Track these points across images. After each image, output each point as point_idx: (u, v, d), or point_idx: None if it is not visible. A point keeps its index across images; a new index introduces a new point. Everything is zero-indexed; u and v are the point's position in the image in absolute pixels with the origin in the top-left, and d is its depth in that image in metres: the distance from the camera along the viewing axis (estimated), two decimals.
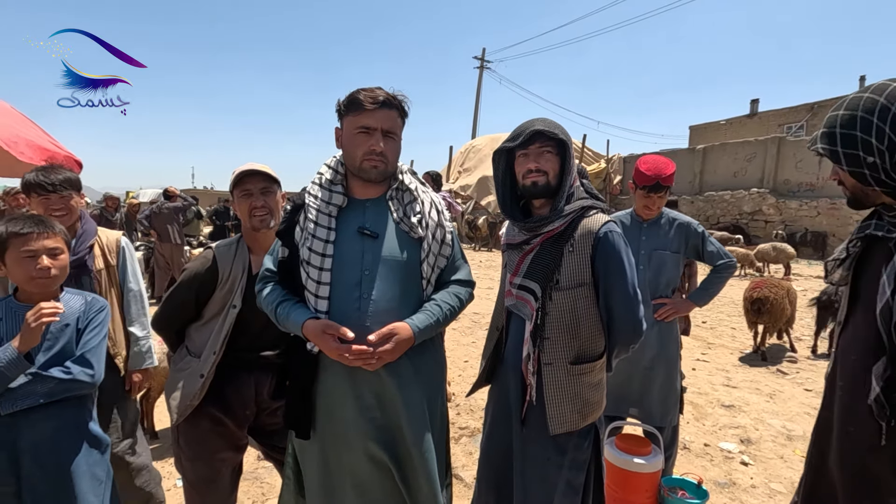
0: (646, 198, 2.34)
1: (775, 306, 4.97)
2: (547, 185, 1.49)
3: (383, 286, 1.44)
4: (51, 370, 1.43)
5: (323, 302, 1.43)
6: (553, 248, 1.49)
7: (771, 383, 4.40)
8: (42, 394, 1.41)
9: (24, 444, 1.40)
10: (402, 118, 1.52)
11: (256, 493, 2.62)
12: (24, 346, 1.37)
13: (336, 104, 1.50)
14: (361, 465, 1.47)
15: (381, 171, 1.47)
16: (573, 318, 1.48)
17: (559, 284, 1.47)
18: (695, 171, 17.55)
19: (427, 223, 1.51)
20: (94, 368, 1.50)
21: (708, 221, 16.14)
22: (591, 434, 1.58)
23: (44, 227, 1.48)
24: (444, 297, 1.52)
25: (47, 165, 1.98)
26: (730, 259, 2.39)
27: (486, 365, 1.69)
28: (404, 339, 1.39)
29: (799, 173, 15.18)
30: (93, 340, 1.53)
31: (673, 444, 2.47)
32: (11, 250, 1.44)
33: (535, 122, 1.50)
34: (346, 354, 1.34)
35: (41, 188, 1.87)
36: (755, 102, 23.23)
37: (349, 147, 1.47)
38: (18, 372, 1.37)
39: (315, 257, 1.43)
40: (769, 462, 3.01)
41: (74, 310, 1.54)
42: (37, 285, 1.46)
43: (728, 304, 7.72)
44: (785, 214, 14.81)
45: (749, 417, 3.65)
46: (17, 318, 1.44)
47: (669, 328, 2.38)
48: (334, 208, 1.48)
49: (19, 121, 3.99)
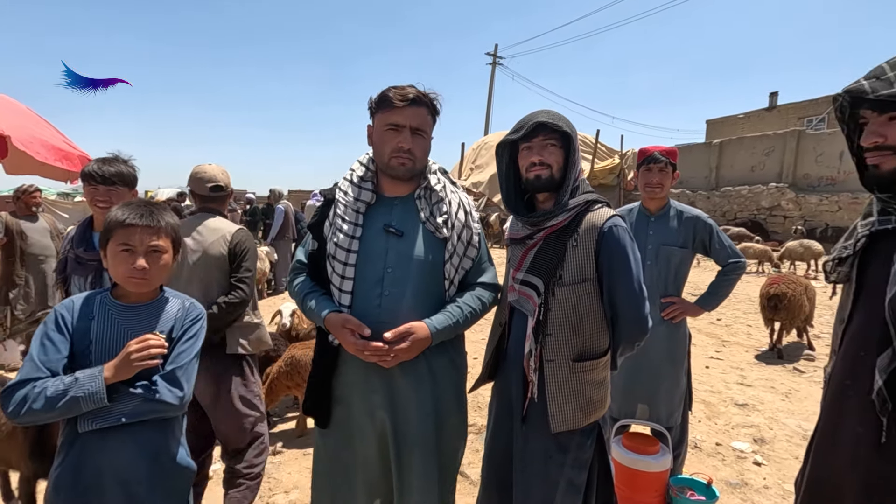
0: (647, 172, 2.30)
1: (793, 303, 4.86)
2: (551, 178, 1.46)
3: (405, 284, 1.45)
4: (136, 386, 1.23)
5: (346, 296, 1.45)
6: (556, 242, 1.46)
7: (787, 382, 4.31)
8: (123, 413, 1.22)
9: (103, 467, 1.23)
10: (433, 116, 1.52)
11: (264, 488, 2.64)
12: (117, 377, 1.20)
13: (368, 101, 1.51)
14: (370, 460, 1.49)
15: (409, 168, 1.48)
16: (576, 315, 1.45)
17: (562, 280, 1.44)
18: (711, 165, 17.23)
19: (453, 223, 1.51)
20: (184, 389, 1.28)
21: (724, 217, 15.85)
22: (595, 432, 1.54)
23: (149, 220, 1.30)
24: (467, 300, 1.52)
25: (108, 157, 1.95)
26: (739, 259, 2.31)
27: (488, 361, 1.67)
28: (421, 338, 1.39)
29: (819, 167, 14.81)
30: (185, 355, 1.31)
31: (681, 442, 2.43)
32: (113, 241, 1.28)
33: (539, 113, 1.47)
34: (363, 350, 1.36)
35: (92, 178, 1.88)
36: (774, 95, 22.71)
37: (378, 144, 1.49)
38: (94, 406, 1.17)
39: (340, 252, 1.46)
40: (783, 462, 2.94)
41: (170, 315, 1.35)
42: (132, 284, 1.29)
43: (744, 300, 7.58)
44: (805, 209, 14.46)
45: (763, 416, 3.58)
46: (110, 319, 1.29)
47: (677, 327, 2.32)
48: (362, 205, 1.49)
49: (34, 121, 4.08)
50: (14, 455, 2.04)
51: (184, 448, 1.38)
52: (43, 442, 1.99)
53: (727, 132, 21.40)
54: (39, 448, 1.99)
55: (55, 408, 1.14)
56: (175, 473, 1.34)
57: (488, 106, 27.90)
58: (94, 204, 1.89)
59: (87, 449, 1.23)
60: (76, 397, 1.15)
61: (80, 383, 1.16)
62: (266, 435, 2.28)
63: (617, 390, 2.37)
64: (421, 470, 1.45)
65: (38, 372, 1.18)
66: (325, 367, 1.52)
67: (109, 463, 1.23)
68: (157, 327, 1.31)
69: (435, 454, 1.49)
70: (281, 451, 3.03)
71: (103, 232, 1.31)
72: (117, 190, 1.91)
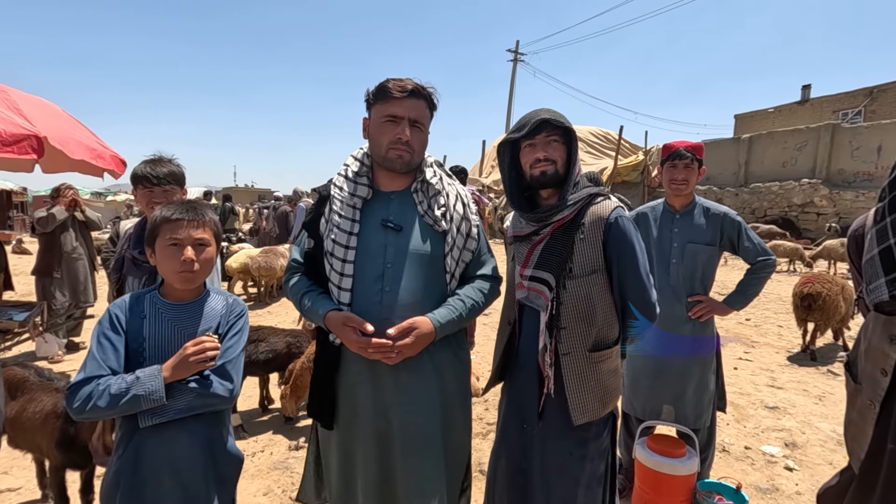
0: (671, 168, 2.25)
1: (828, 303, 4.67)
2: (556, 173, 1.49)
3: (406, 280, 1.43)
4: (190, 382, 1.29)
5: (346, 294, 1.44)
6: (564, 236, 1.49)
7: (820, 385, 4.15)
8: (179, 408, 1.27)
9: (160, 460, 1.28)
10: (431, 110, 1.51)
11: (287, 483, 2.68)
12: (175, 377, 1.26)
13: (365, 93, 1.50)
14: (376, 459, 1.47)
15: (407, 161, 1.46)
16: (588, 306, 1.48)
17: (572, 273, 1.47)
18: (740, 161, 16.73)
19: (451, 216, 1.50)
20: (234, 382, 1.35)
21: (754, 214, 15.38)
22: (610, 422, 1.58)
23: (194, 215, 1.34)
24: (468, 292, 1.51)
25: (155, 158, 1.96)
26: (769, 257, 2.23)
27: (499, 361, 1.66)
28: (424, 333, 1.38)
29: (855, 162, 14.22)
30: (232, 350, 1.37)
31: (709, 446, 2.36)
32: (160, 238, 1.33)
33: (541, 111, 1.49)
34: (366, 348, 1.35)
35: (146, 180, 1.89)
36: (807, 88, 21.84)
37: (376, 136, 1.47)
38: (153, 404, 1.23)
39: (338, 249, 1.44)
40: (817, 468, 2.83)
41: (216, 312, 1.40)
42: (180, 279, 1.33)
43: (774, 300, 7.33)
44: (839, 206, 13.91)
45: (795, 420, 3.45)
46: (161, 317, 1.34)
47: (704, 326, 2.26)
48: (359, 200, 1.48)
49: (69, 122, 4.22)
50: (45, 444, 2.12)
51: (232, 437, 1.45)
52: (70, 434, 2.06)
53: (757, 127, 20.73)
54: (67, 439, 2.06)
55: (118, 405, 1.20)
56: (226, 462, 1.41)
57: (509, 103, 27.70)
58: (151, 206, 1.89)
59: (145, 443, 1.28)
60: (138, 395, 1.20)
61: (141, 382, 1.22)
62: None
63: (642, 391, 2.32)
64: (427, 467, 1.44)
65: (101, 370, 1.23)
66: (327, 367, 1.50)
67: (166, 456, 1.28)
68: (204, 325, 1.35)
69: (441, 451, 1.48)
70: (304, 447, 3.07)
71: (149, 231, 1.35)
72: (172, 189, 1.93)
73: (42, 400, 2.18)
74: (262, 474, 2.76)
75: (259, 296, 7.65)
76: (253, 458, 2.94)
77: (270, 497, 2.56)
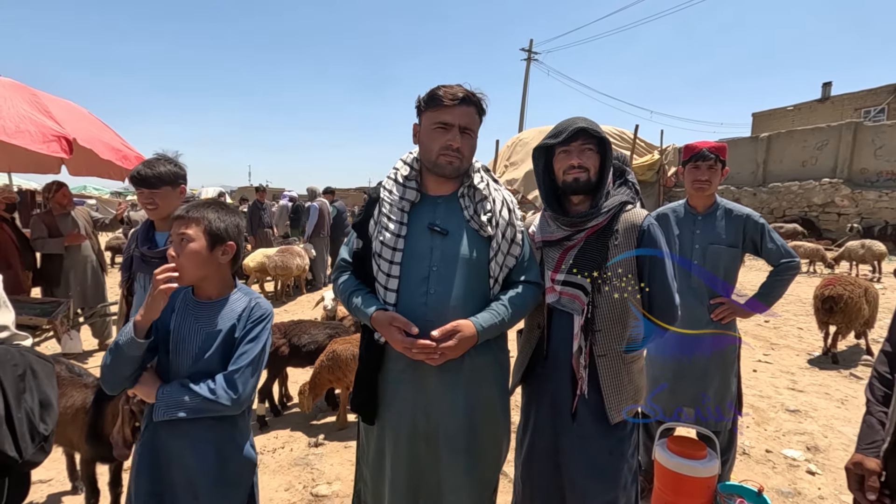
0: (694, 169, 2.24)
1: (850, 306, 4.59)
2: (588, 181, 1.53)
3: (450, 283, 1.46)
4: (198, 385, 1.30)
5: (391, 294, 1.47)
6: (598, 242, 1.54)
7: (843, 388, 4.08)
8: (187, 408, 1.29)
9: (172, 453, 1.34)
10: (480, 116, 1.54)
11: (307, 479, 2.73)
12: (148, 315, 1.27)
13: (416, 100, 1.53)
14: (413, 458, 1.50)
15: (457, 167, 1.49)
16: (622, 309, 1.52)
17: (608, 277, 1.51)
18: (758, 160, 16.48)
19: (497, 222, 1.51)
20: (240, 391, 1.31)
21: (773, 214, 15.14)
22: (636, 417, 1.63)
23: (192, 212, 1.37)
24: (511, 297, 1.52)
25: (151, 159, 1.97)
26: (793, 258, 2.21)
27: (525, 364, 1.68)
28: (467, 336, 1.40)
29: (879, 161, 13.91)
30: (245, 357, 1.34)
31: (730, 448, 2.35)
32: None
33: (578, 119, 1.54)
34: (410, 348, 1.38)
35: (134, 181, 1.95)
36: (827, 86, 21.39)
37: (426, 142, 1.50)
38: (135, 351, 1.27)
39: (386, 250, 1.47)
40: (840, 472, 2.79)
41: (234, 314, 1.39)
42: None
43: (794, 302, 7.23)
44: (861, 206, 13.62)
45: (817, 424, 3.41)
46: (186, 313, 1.38)
47: (726, 328, 2.25)
48: (407, 203, 1.51)
49: (95, 124, 4.33)
50: (75, 437, 2.19)
51: (248, 440, 1.46)
52: (98, 427, 2.13)
53: (775, 126, 20.39)
54: (95, 432, 2.13)
55: (112, 358, 1.29)
56: (236, 464, 1.42)
57: (523, 102, 27.56)
58: (143, 206, 1.96)
59: (160, 434, 1.36)
60: (117, 342, 1.29)
61: (120, 332, 1.31)
62: None
63: (663, 392, 2.32)
64: (462, 470, 1.47)
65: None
66: (372, 364, 1.54)
67: (177, 451, 1.35)
68: (220, 325, 1.38)
69: (478, 452, 1.50)
70: (323, 444, 3.12)
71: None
72: (160, 191, 1.95)
73: (73, 395, 2.25)
74: (284, 470, 2.82)
75: (276, 294, 7.76)
76: (273, 454, 3.00)
77: (291, 492, 2.61)
